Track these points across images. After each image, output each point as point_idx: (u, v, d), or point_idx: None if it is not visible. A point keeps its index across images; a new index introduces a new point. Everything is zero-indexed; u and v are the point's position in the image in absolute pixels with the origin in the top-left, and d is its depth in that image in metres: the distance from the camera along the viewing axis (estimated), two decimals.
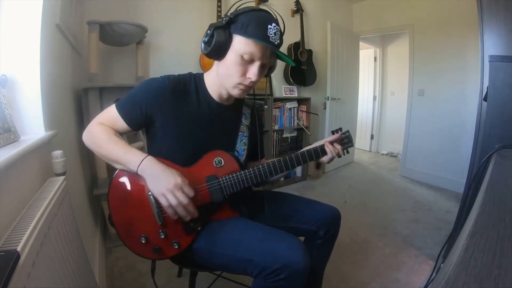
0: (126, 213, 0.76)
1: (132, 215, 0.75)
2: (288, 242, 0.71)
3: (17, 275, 0.41)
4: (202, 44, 0.75)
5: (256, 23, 0.70)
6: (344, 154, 0.91)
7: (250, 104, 0.98)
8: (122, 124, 0.77)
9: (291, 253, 0.68)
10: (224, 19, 0.72)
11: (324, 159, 0.88)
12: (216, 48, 0.72)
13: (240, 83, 0.76)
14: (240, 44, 0.71)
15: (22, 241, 0.47)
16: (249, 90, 0.79)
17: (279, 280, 0.66)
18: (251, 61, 0.73)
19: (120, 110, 0.76)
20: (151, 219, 0.74)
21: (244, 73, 0.74)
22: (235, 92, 0.78)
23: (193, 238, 0.78)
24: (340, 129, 0.92)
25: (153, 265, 0.91)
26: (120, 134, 0.79)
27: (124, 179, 0.76)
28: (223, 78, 0.78)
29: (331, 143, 0.88)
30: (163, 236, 0.74)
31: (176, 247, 0.76)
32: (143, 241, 0.74)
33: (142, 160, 0.70)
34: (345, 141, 0.92)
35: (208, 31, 0.73)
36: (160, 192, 0.69)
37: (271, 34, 0.71)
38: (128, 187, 0.76)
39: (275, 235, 0.74)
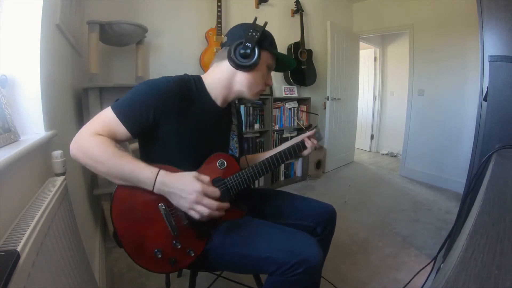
0: (136, 231, 0.70)
1: (143, 232, 0.71)
2: (303, 238, 0.75)
3: (17, 275, 0.41)
4: (238, 56, 0.77)
5: (271, 39, 0.84)
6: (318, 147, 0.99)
7: (233, 104, 1.02)
8: (122, 131, 0.69)
9: (308, 248, 0.71)
10: (254, 35, 0.77)
11: (305, 152, 0.95)
12: (255, 62, 0.77)
13: (262, 90, 0.87)
14: (268, 58, 0.83)
15: (22, 241, 0.47)
16: None
17: (296, 274, 0.68)
18: (269, 70, 0.86)
19: (121, 115, 0.68)
20: (163, 232, 0.71)
21: (265, 81, 0.86)
22: (255, 97, 0.87)
23: (206, 242, 0.77)
24: (311, 124, 1.00)
25: (167, 278, 0.90)
26: (117, 142, 0.70)
27: (127, 195, 0.70)
28: (249, 86, 0.83)
29: (309, 138, 0.95)
30: (179, 246, 0.72)
31: (192, 254, 0.74)
32: (159, 256, 0.70)
33: (156, 179, 0.66)
34: (316, 135, 0.98)
35: (248, 44, 0.76)
36: (187, 207, 0.67)
37: None
38: (133, 203, 0.70)
39: (289, 232, 0.77)
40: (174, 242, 0.71)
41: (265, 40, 0.80)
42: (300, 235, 0.76)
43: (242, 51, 0.76)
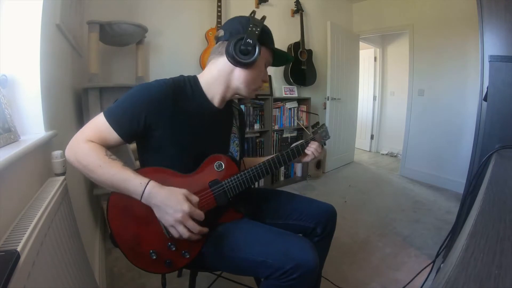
0: (130, 231, 0.72)
1: (138, 233, 0.72)
2: (299, 243, 0.73)
3: (17, 275, 0.41)
4: (238, 53, 0.74)
5: (271, 35, 0.83)
6: (322, 146, 0.98)
7: (237, 106, 1.01)
8: (114, 137, 0.70)
9: (303, 253, 0.70)
10: (254, 30, 0.74)
11: (307, 158, 0.94)
12: (256, 59, 0.75)
13: (259, 87, 0.85)
14: (266, 55, 0.82)
15: (22, 241, 0.47)
16: None
17: (291, 280, 0.67)
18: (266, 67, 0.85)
19: (112, 121, 0.69)
20: (158, 233, 0.71)
21: (262, 78, 0.85)
22: (252, 94, 0.86)
23: (202, 244, 0.76)
24: (318, 123, 0.99)
25: (163, 279, 0.90)
26: (109, 148, 0.71)
27: (123, 196, 0.70)
28: (247, 83, 0.81)
29: (312, 139, 0.95)
30: (173, 248, 0.71)
31: (188, 256, 0.74)
32: (154, 257, 0.71)
33: (144, 190, 0.66)
34: (323, 134, 0.97)
35: (249, 40, 0.73)
36: (169, 224, 0.66)
37: None
38: (128, 203, 0.70)
39: (285, 236, 0.76)
40: (169, 244, 0.71)
41: (264, 36, 0.78)
42: (296, 239, 0.74)
43: (243, 48, 0.74)
